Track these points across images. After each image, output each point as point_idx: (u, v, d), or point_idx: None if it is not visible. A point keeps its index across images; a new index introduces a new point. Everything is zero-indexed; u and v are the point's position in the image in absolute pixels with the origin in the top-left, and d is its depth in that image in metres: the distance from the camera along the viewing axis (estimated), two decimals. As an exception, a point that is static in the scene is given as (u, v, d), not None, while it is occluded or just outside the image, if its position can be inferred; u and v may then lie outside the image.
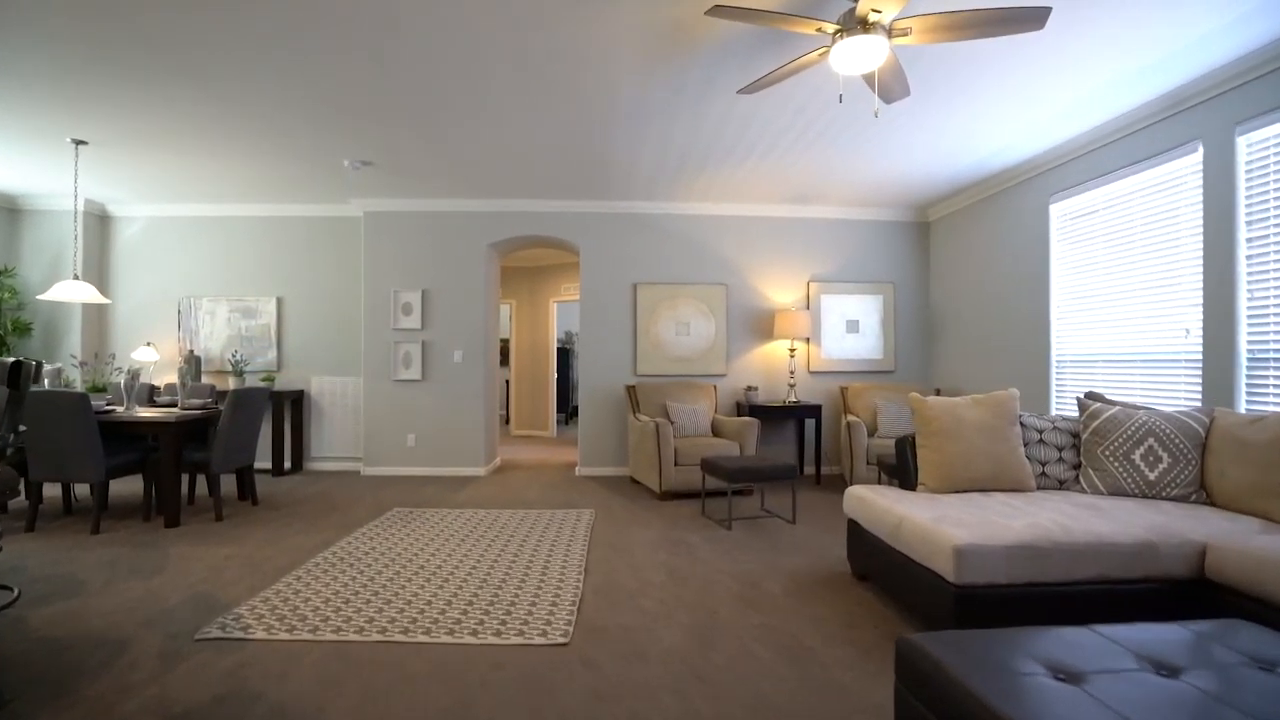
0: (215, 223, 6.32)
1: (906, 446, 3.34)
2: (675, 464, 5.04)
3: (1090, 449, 3.10)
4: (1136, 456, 2.95)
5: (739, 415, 6.07)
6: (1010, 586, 2.31)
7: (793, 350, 6.03)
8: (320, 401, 6.32)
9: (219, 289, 6.32)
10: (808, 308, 6.31)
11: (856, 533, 3.18)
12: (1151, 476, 2.90)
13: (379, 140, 4.50)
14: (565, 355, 10.90)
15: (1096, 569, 2.32)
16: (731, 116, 4.04)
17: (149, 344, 6.12)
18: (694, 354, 6.23)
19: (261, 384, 6.14)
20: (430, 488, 5.51)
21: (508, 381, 10.33)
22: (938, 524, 2.47)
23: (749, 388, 6.00)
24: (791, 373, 6.01)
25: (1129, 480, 2.94)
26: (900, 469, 3.38)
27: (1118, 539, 2.35)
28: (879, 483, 4.95)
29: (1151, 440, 2.93)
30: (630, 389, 5.91)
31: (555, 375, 9.38)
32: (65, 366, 5.76)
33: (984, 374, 5.55)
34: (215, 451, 4.31)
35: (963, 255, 5.87)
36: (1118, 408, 3.10)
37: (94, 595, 2.97)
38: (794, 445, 6.30)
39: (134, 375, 4.38)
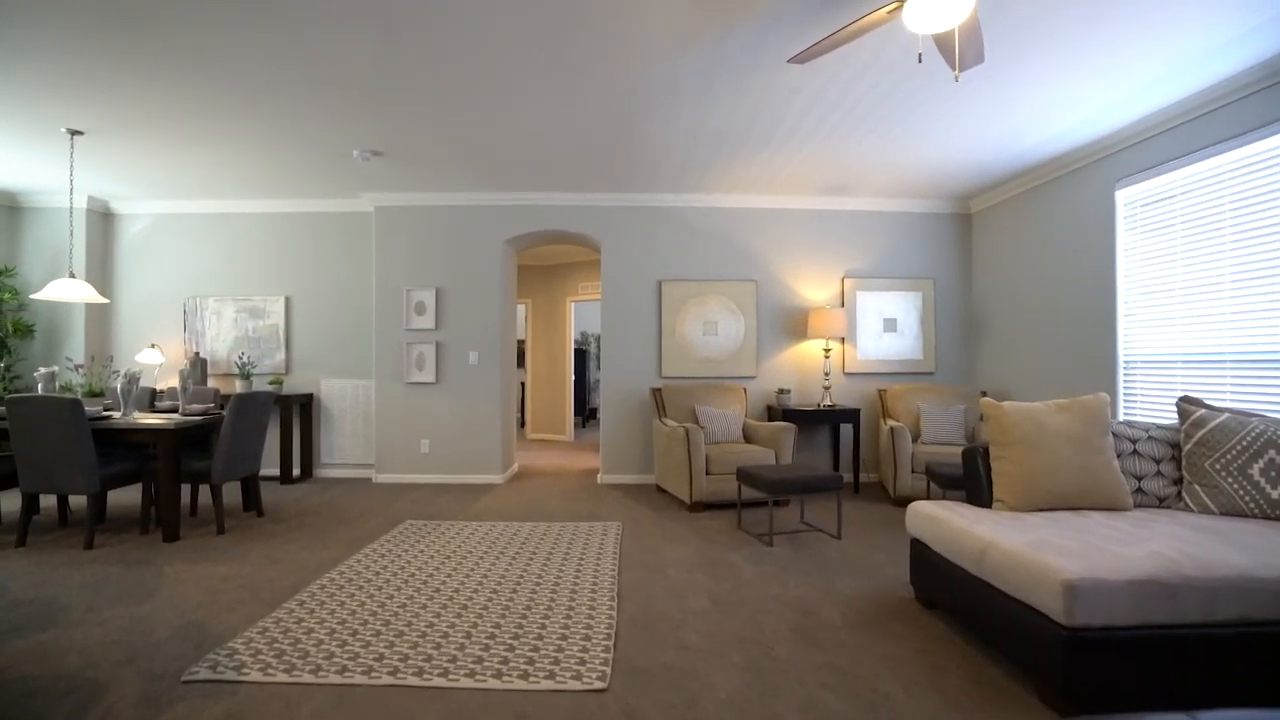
0: (222, 219, 6.06)
1: (978, 457, 2.97)
2: (707, 472, 4.70)
3: (1195, 462, 2.72)
4: (1255, 471, 2.56)
5: (771, 419, 5.71)
6: (1133, 630, 1.94)
7: (827, 351, 5.66)
8: (330, 405, 6.04)
9: (226, 288, 6.06)
10: (843, 305, 5.94)
11: (923, 555, 2.82)
12: (1275, 495, 2.51)
13: (388, 128, 4.20)
14: (582, 357, 10.59)
15: (1237, 609, 1.95)
16: (773, 93, 3.69)
17: (153, 346, 5.88)
18: (723, 355, 5.88)
19: (269, 387, 5.87)
20: (445, 497, 5.20)
21: (524, 384, 10.03)
22: (1037, 551, 2.11)
23: (781, 390, 5.64)
24: (826, 374, 5.65)
25: (1247, 499, 2.56)
26: (970, 482, 3.01)
27: (1261, 572, 1.98)
28: (927, 494, 4.58)
29: (1273, 452, 2.55)
30: (656, 392, 5.58)
31: (572, 377, 9.07)
32: (61, 370, 5.52)
33: (1034, 376, 5.15)
34: (217, 460, 4.02)
35: (1009, 248, 5.47)
36: (1227, 414, 2.71)
37: (74, 625, 2.68)
38: (829, 451, 5.93)
39: (131, 379, 4.11)
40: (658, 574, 3.32)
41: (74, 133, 4.25)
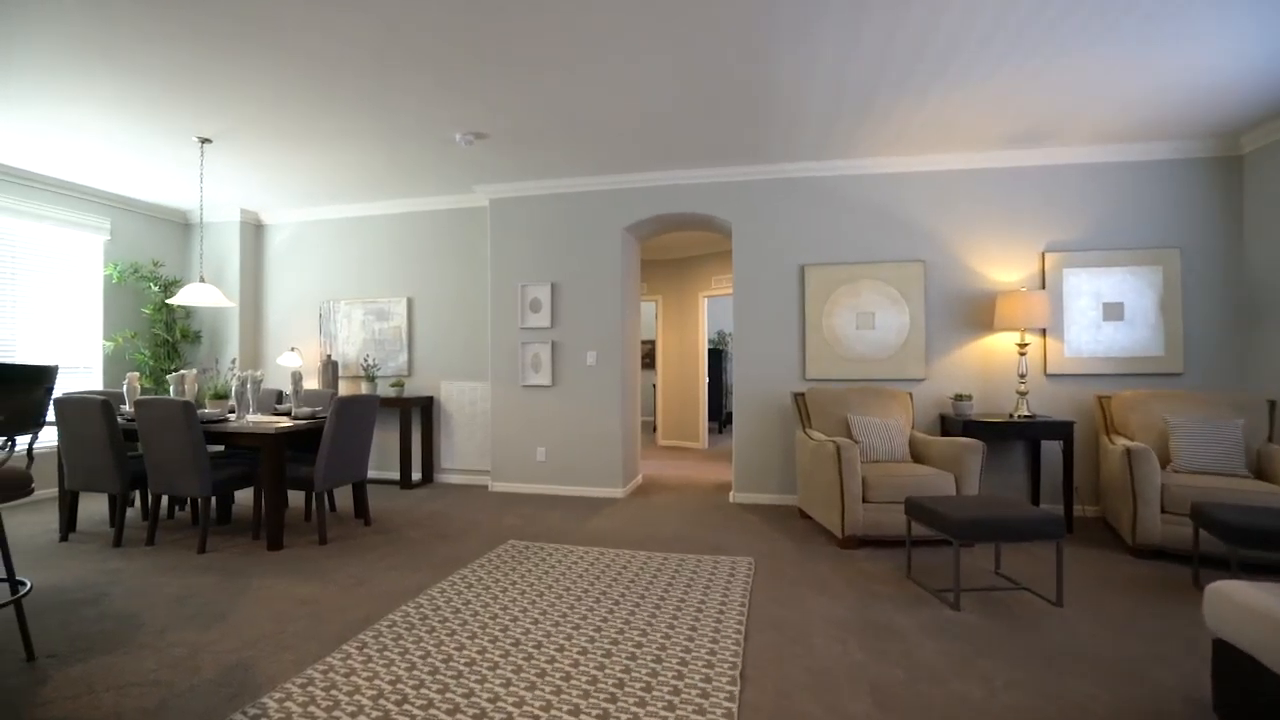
0: (351, 223, 6.13)
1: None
2: (864, 500, 3.74)
3: None
4: None
5: (945, 432, 4.57)
6: None
7: (1023, 346, 4.40)
8: (449, 408, 5.85)
9: (355, 291, 6.12)
10: (1043, 287, 4.62)
11: (1244, 668, 1.73)
12: None
13: (486, 105, 3.76)
14: (717, 357, 9.82)
15: None
16: (946, 9, 2.71)
17: (293, 349, 6.06)
18: (882, 352, 4.83)
19: (392, 390, 5.80)
20: (557, 511, 4.71)
21: (655, 386, 9.49)
22: None
23: (959, 396, 4.47)
24: (1021, 376, 4.38)
25: None
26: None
27: None
28: (1194, 547, 3.24)
29: None
30: (798, 397, 4.68)
31: (706, 380, 8.34)
32: (213, 373, 5.83)
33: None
34: (318, 466, 3.82)
35: (1312, 198, 3.86)
36: None
37: (137, 649, 2.44)
38: (1025, 475, 4.63)
39: (245, 382, 4.06)
40: (797, 642, 2.49)
41: (204, 140, 4.32)
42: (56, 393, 5.07)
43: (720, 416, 9.92)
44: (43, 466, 5.06)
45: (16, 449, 2.25)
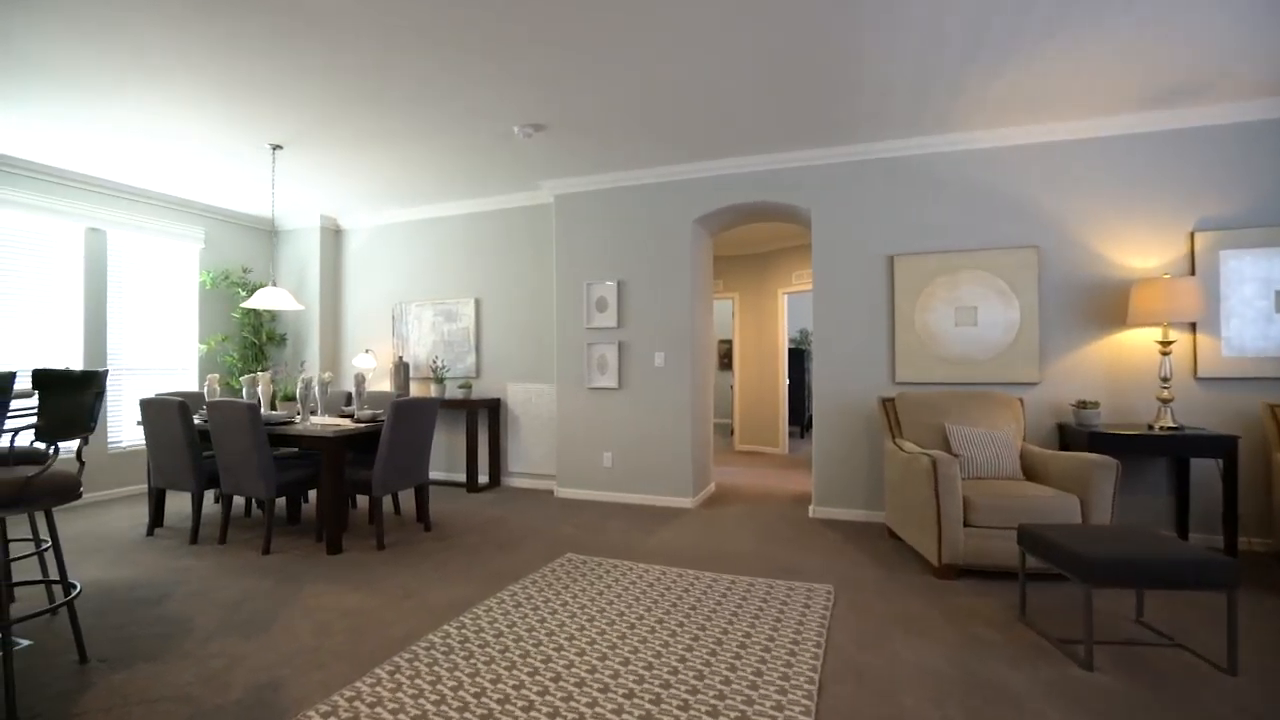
0: (422, 225, 6.16)
1: None
2: (965, 523, 3.23)
3: None
4: None
5: (1065, 445, 3.93)
6: None
7: (1166, 344, 3.69)
8: (516, 411, 5.74)
9: (426, 293, 6.14)
10: (1192, 273, 3.88)
11: None
12: None
13: (544, 94, 3.56)
14: (799, 357, 9.27)
15: None
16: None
17: (367, 351, 6.17)
18: (984, 352, 4.24)
19: (459, 392, 5.76)
20: (621, 522, 4.46)
21: (732, 388, 9.08)
22: None
23: (1082, 404, 3.82)
24: (1164, 380, 3.68)
25: None
26: None
27: None
28: None
29: None
30: (887, 403, 4.18)
31: (786, 381, 7.85)
32: (289, 375, 6.01)
33: None
34: (376, 470, 3.76)
35: None
36: None
37: (180, 658, 2.39)
38: (1170, 499, 3.90)
39: (309, 384, 4.07)
40: (883, 700, 2.08)
41: (275, 147, 4.40)
42: (149, 393, 5.36)
43: (802, 420, 9.37)
44: (135, 463, 5.37)
45: (66, 453, 2.24)
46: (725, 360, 11.15)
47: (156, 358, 5.54)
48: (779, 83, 3.49)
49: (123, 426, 5.27)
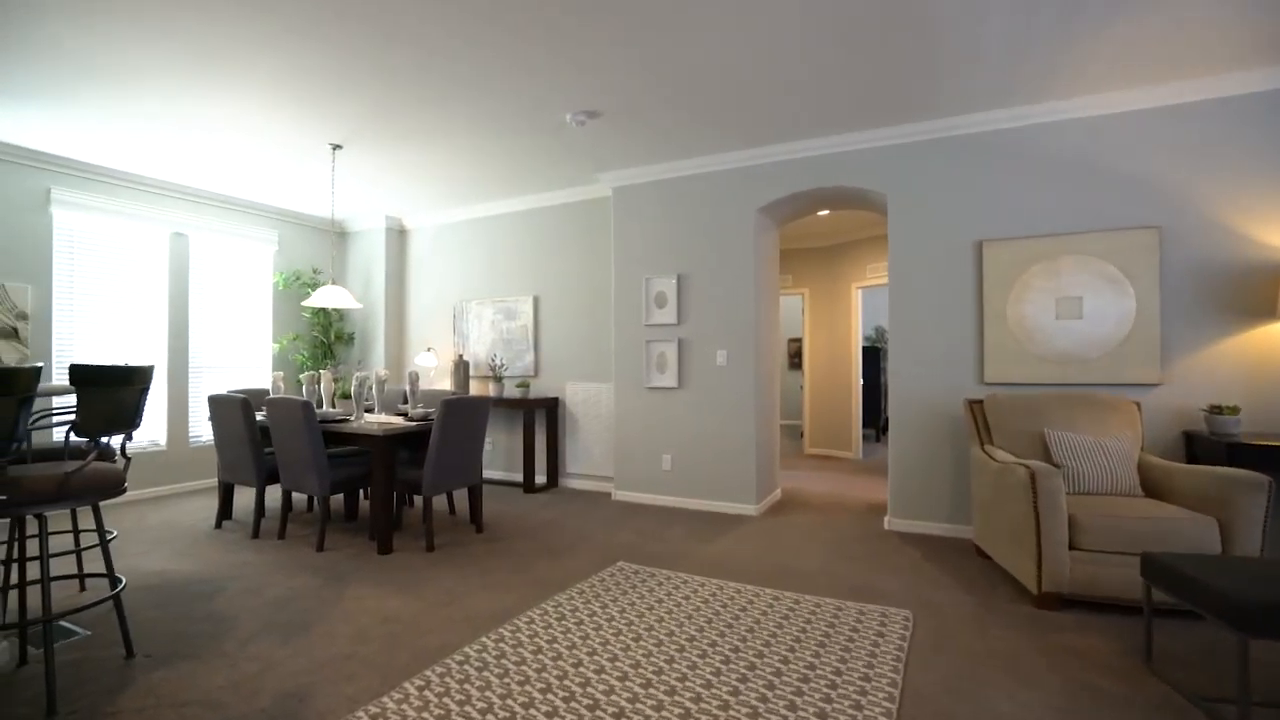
0: (482, 223, 6.14)
1: None
2: (1071, 545, 2.79)
3: None
4: None
5: (1192, 458, 3.37)
6: None
7: (1327, 338, 3.09)
8: (574, 410, 5.60)
9: (485, 291, 6.11)
10: (1361, 255, 3.24)
11: None
12: None
13: (595, 76, 3.37)
14: (874, 356, 8.73)
15: None
16: None
17: (429, 349, 6.20)
18: (1092, 349, 3.72)
19: (517, 391, 5.69)
20: (679, 529, 4.22)
21: (801, 388, 8.65)
22: None
23: (1217, 408, 3.26)
24: (1324, 381, 3.08)
25: None
26: None
27: None
28: None
29: None
30: (974, 405, 3.75)
31: (860, 381, 7.36)
32: (361, 374, 6.11)
33: None
34: (425, 470, 3.68)
35: None
36: None
37: (214, 657, 2.35)
38: (1330, 520, 3.27)
39: (364, 382, 4.06)
40: (974, 758, 1.75)
41: (335, 147, 4.44)
42: (225, 389, 5.55)
43: (877, 423, 8.81)
44: (214, 457, 5.59)
45: (122, 448, 2.26)
46: (794, 359, 10.69)
47: (233, 355, 5.77)
48: (850, 55, 3.16)
49: (203, 421, 5.50)
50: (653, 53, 3.17)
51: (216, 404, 4.07)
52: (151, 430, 5.18)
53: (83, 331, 4.78)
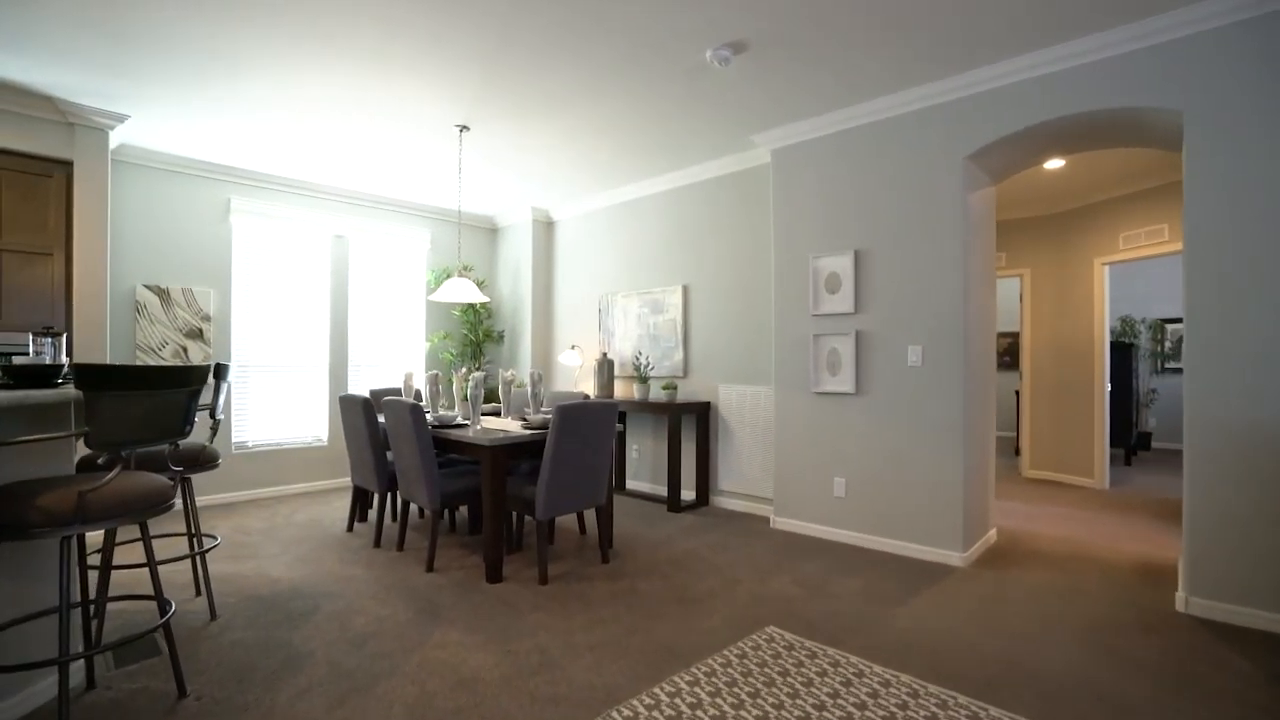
0: (625, 208, 5.57)
1: None
2: None
3: None
4: None
5: None
6: None
7: None
8: (728, 417, 4.79)
9: (630, 283, 5.54)
10: None
11: None
12: None
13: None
14: (1123, 352, 6.72)
15: None
16: None
17: (574, 347, 5.79)
18: None
19: (663, 393, 5.02)
20: (856, 580, 3.23)
21: (1017, 394, 6.92)
22: None
23: None
24: None
25: None
26: None
27: None
28: None
29: None
30: (1363, 435, 2.29)
31: (1107, 386, 5.60)
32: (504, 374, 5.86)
33: None
34: (539, 490, 3.14)
35: None
36: None
37: (265, 711, 1.95)
38: None
39: (479, 384, 3.65)
40: None
41: (462, 129, 4.12)
42: (381, 387, 5.58)
43: (1128, 441, 6.77)
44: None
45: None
46: (1005, 357, 8.78)
47: (388, 353, 5.84)
48: None
49: (362, 419, 5.61)
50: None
51: (344, 404, 3.93)
52: (314, 426, 5.37)
53: (257, 331, 5.04)
